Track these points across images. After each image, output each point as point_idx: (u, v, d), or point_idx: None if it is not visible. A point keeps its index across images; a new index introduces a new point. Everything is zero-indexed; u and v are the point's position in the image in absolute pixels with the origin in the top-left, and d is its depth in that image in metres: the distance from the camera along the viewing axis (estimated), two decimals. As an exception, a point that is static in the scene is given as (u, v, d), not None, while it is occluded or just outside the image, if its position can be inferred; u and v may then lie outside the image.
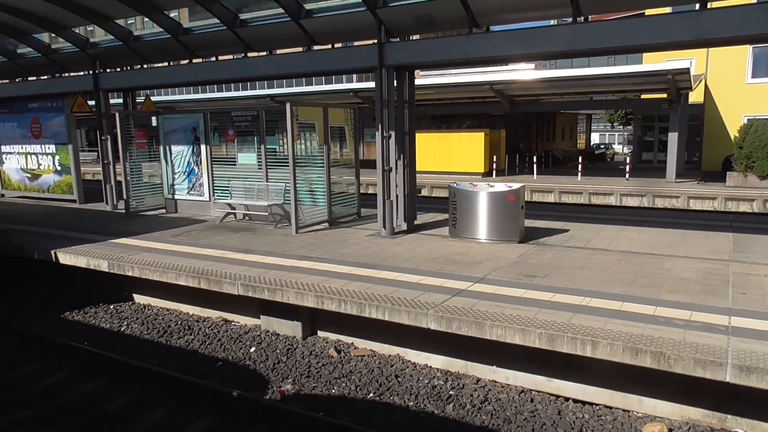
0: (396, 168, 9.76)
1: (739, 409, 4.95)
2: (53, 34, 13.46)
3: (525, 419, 5.23)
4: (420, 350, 6.53)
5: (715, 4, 7.28)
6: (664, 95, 21.03)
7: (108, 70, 13.68)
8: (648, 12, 11.86)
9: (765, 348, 4.66)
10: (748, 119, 21.34)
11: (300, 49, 10.58)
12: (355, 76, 29.33)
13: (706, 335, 4.95)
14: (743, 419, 4.95)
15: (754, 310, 5.58)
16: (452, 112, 26.70)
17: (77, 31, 13.29)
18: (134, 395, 5.75)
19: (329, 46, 10.38)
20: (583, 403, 5.53)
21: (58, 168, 15.19)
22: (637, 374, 5.09)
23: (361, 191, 12.23)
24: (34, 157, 15.69)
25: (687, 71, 17.96)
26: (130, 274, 8.20)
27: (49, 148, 15.21)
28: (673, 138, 20.94)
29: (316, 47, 10.41)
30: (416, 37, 9.85)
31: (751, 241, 8.81)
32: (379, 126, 9.53)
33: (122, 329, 7.94)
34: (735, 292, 6.17)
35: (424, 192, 21.03)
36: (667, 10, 9.43)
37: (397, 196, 9.89)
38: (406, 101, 9.87)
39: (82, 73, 14.34)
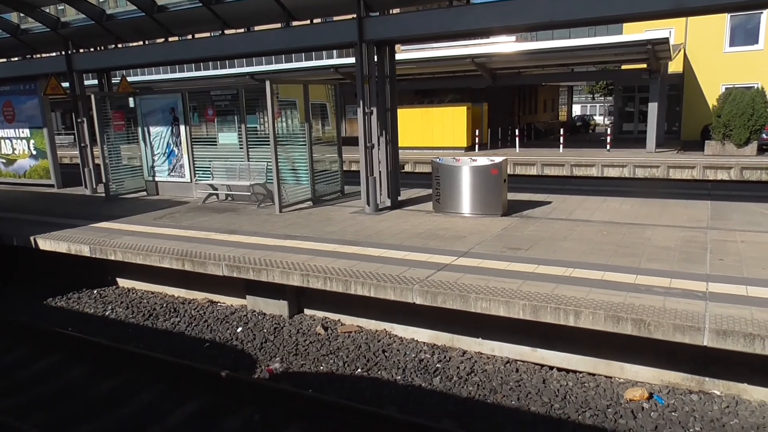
0: (378, 144, 9.72)
1: (716, 371, 5.10)
2: (22, 14, 13.03)
3: (511, 389, 5.34)
4: (406, 325, 6.60)
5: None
6: (644, 66, 21.09)
7: (81, 51, 13.31)
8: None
9: (741, 312, 4.79)
10: (726, 88, 21.53)
11: (278, 25, 10.38)
12: (335, 51, 29.00)
13: (684, 301, 5.06)
14: (720, 381, 5.11)
15: (730, 276, 5.72)
16: (434, 87, 26.56)
17: (47, 10, 12.86)
18: (122, 379, 5.74)
19: (308, 22, 10.20)
20: (567, 371, 5.66)
21: (34, 152, 14.86)
22: (620, 342, 5.20)
23: (345, 168, 12.17)
24: (8, 141, 15.31)
25: (666, 41, 18.01)
26: (112, 258, 8.11)
27: (23, 132, 14.86)
28: (653, 108, 21.10)
29: (294, 23, 10.23)
30: (396, 10, 9.72)
31: (728, 209, 8.98)
32: (361, 102, 9.45)
33: (107, 314, 7.90)
34: (713, 259, 6.31)
35: (408, 168, 21.00)
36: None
37: (380, 172, 9.87)
38: (387, 76, 9.78)
39: (54, 54, 13.93)
